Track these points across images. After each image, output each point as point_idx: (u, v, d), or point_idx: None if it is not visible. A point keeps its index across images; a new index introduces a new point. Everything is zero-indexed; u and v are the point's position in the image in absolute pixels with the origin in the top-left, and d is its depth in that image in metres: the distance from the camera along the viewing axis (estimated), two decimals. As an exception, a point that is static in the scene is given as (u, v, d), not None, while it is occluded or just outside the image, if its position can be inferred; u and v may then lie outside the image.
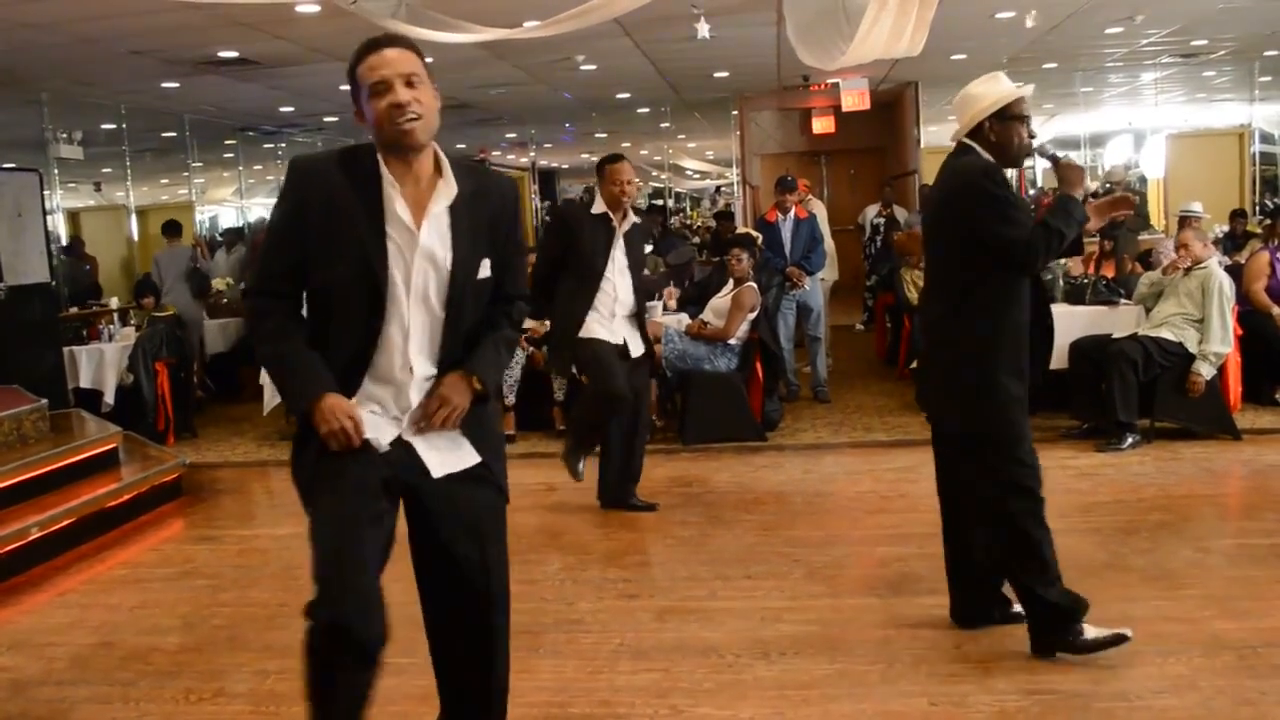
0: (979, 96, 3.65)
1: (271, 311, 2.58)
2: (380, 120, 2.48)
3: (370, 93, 2.48)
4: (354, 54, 2.55)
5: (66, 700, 3.83)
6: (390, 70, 2.48)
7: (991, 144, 3.62)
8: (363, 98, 2.51)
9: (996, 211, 3.50)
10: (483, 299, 2.67)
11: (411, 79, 2.49)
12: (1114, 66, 13.52)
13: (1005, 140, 3.62)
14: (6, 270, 7.70)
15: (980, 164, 3.59)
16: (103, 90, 10.88)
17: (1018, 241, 3.48)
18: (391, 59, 2.49)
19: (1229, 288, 6.69)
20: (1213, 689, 3.41)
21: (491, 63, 10.29)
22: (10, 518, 5.56)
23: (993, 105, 3.61)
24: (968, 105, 3.68)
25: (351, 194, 2.49)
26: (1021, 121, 3.64)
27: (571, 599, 4.55)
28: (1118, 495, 5.71)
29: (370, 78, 2.48)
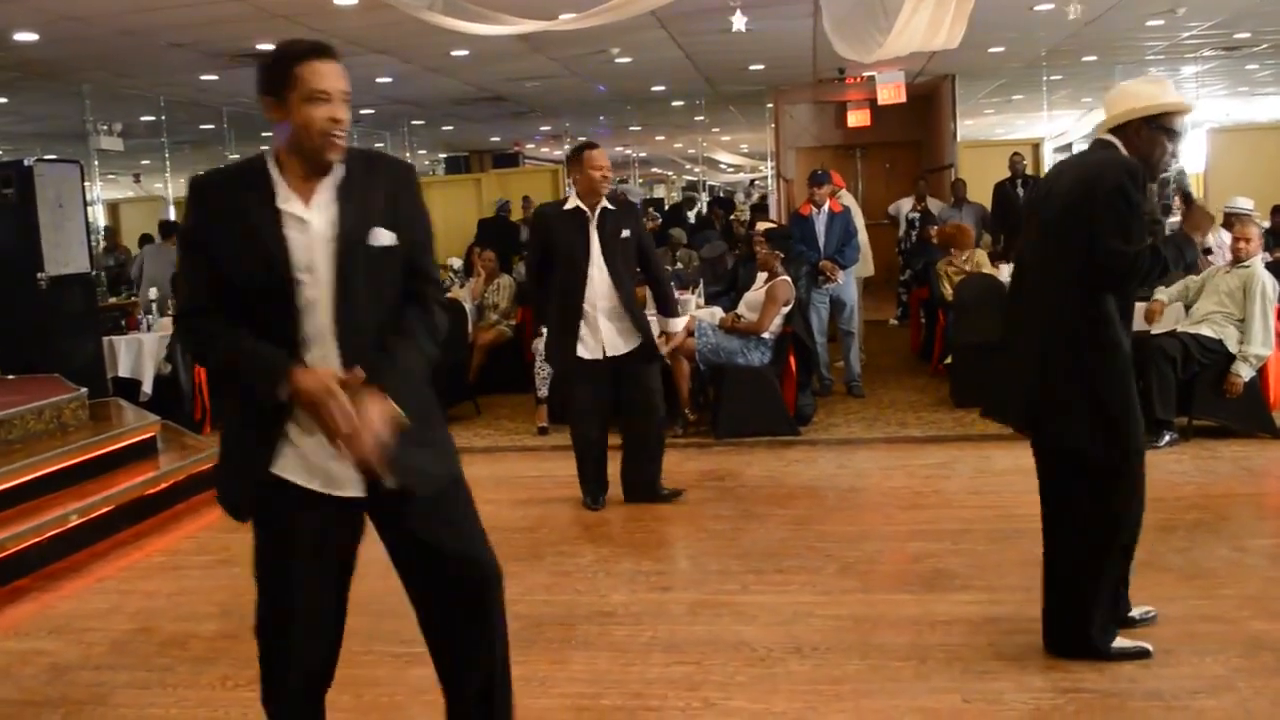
0: (1138, 95, 3.48)
1: (206, 325, 2.52)
2: (312, 127, 2.43)
3: (309, 96, 2.43)
4: (289, 47, 2.47)
5: (105, 685, 3.88)
6: (335, 84, 2.46)
7: (1134, 147, 3.46)
8: (294, 96, 2.43)
9: (1119, 217, 3.34)
10: (392, 274, 2.58)
11: (347, 98, 2.49)
12: (1155, 60, 13.36)
13: (1148, 148, 3.47)
14: (47, 261, 7.79)
15: (1126, 162, 3.41)
16: (142, 82, 10.99)
17: (1124, 255, 3.33)
18: (338, 73, 2.47)
19: (1272, 289, 6.58)
20: (1251, 690, 3.37)
21: (527, 55, 10.31)
22: (50, 505, 5.63)
23: (1151, 108, 3.45)
24: (1123, 101, 3.51)
25: (247, 198, 2.47)
26: (1171, 136, 3.49)
27: (604, 591, 4.56)
28: (1155, 493, 5.59)
29: (315, 82, 2.43)
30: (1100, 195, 3.38)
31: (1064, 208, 3.53)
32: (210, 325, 2.51)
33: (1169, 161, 3.55)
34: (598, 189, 5.52)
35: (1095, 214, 3.37)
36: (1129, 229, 3.34)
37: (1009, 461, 6.22)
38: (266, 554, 2.67)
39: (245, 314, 2.49)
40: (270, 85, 2.46)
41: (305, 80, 2.43)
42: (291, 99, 2.43)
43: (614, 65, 11.53)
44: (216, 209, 2.49)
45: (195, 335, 2.58)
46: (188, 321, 2.60)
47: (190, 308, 2.58)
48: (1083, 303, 3.44)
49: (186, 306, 2.61)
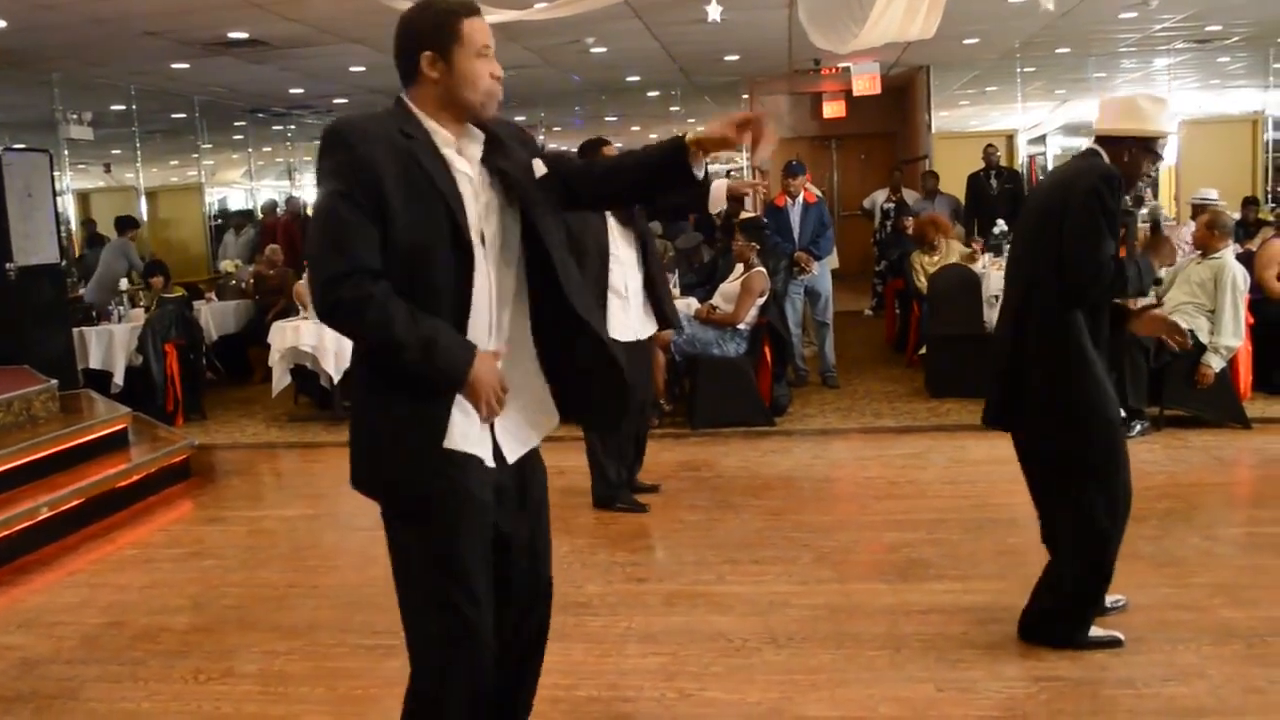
0: (1144, 114, 3.52)
1: (385, 293, 2.26)
2: (478, 83, 2.39)
3: (477, 52, 2.39)
4: (450, 4, 2.41)
5: (76, 679, 3.85)
6: (492, 41, 2.44)
7: (1122, 162, 3.51)
8: (459, 52, 2.38)
9: (1091, 220, 3.37)
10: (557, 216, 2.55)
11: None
12: (1127, 52, 13.44)
13: (1134, 167, 3.54)
14: (16, 251, 7.70)
15: (1106, 169, 3.45)
16: (113, 71, 10.87)
17: (1091, 263, 3.36)
18: (489, 31, 2.44)
19: (1243, 281, 6.64)
20: (1221, 677, 3.41)
21: (502, 45, 10.16)
22: (20, 497, 5.58)
23: (1147, 131, 3.52)
24: (1128, 115, 3.54)
25: (416, 149, 2.34)
26: (1154, 160, 3.58)
27: (580, 582, 4.56)
28: (1127, 483, 5.69)
29: (479, 39, 2.40)
30: (1074, 198, 3.41)
31: (1039, 211, 3.59)
32: (382, 294, 2.25)
33: (1147, 180, 3.66)
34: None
35: (1067, 217, 3.41)
36: (1100, 233, 3.36)
37: (983, 451, 6.25)
38: (443, 540, 2.40)
39: (407, 273, 2.30)
40: (434, 40, 2.38)
41: (474, 35, 2.40)
42: (457, 54, 2.38)
43: (589, 55, 11.48)
44: (389, 157, 2.30)
45: (371, 302, 2.24)
46: (355, 288, 2.24)
47: (348, 268, 2.25)
48: (1051, 307, 3.47)
49: (350, 266, 2.25)
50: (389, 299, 2.26)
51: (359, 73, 11.45)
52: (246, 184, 15.45)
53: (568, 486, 5.95)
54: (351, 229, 2.26)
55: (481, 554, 2.44)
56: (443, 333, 2.31)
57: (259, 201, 15.03)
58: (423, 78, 2.40)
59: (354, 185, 2.27)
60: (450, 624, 2.41)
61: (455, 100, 2.40)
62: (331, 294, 2.26)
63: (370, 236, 2.27)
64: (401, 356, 2.28)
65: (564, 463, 6.14)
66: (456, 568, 2.39)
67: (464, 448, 2.39)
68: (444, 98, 2.40)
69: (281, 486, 6.90)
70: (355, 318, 2.27)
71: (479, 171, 2.44)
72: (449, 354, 2.30)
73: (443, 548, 2.39)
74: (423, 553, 2.41)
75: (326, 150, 2.33)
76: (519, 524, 2.58)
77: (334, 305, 2.26)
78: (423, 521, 2.40)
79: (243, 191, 15.45)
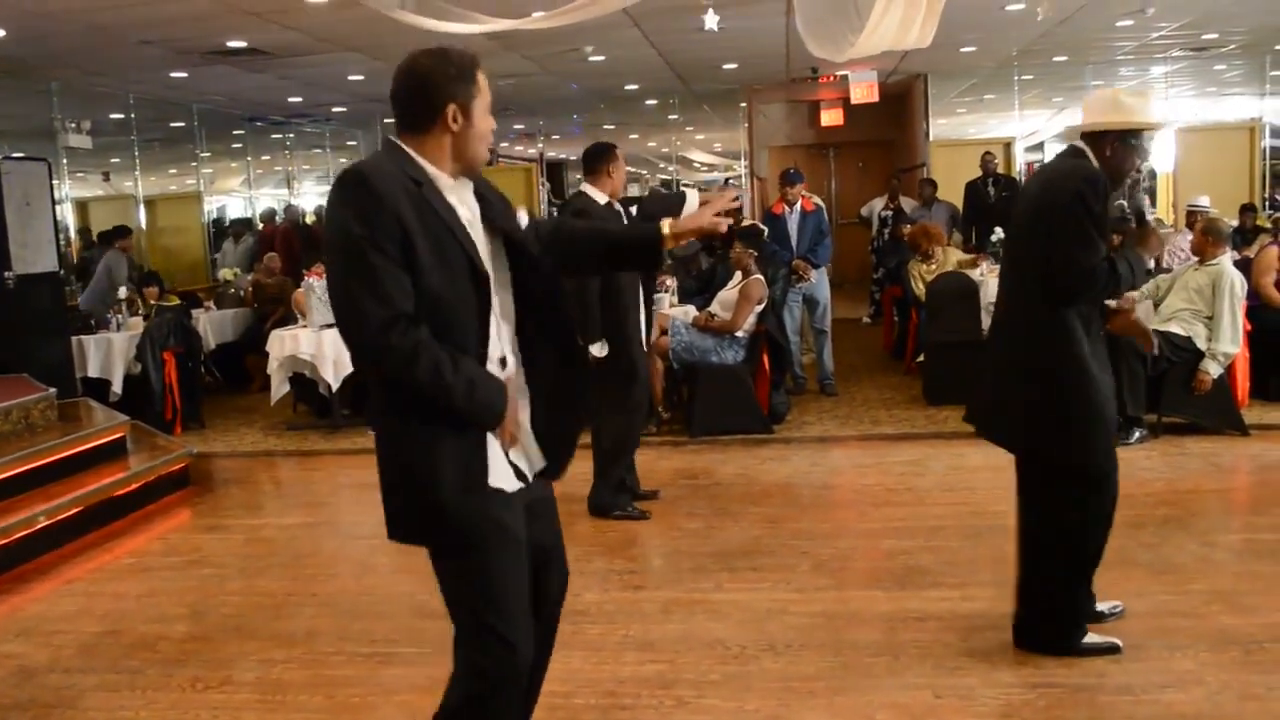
0: (1125, 107, 3.51)
1: (427, 341, 2.29)
2: (487, 138, 2.44)
3: (488, 107, 2.43)
4: (469, 55, 2.44)
5: (74, 688, 3.84)
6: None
7: (1105, 157, 3.49)
8: (478, 105, 2.41)
9: (1077, 224, 3.35)
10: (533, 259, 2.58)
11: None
12: (1124, 60, 13.47)
13: (1118, 162, 3.51)
14: (15, 259, 7.72)
15: (1089, 171, 3.43)
16: (111, 80, 10.89)
17: (1079, 268, 3.35)
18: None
19: (1240, 287, 6.65)
20: (1218, 683, 3.41)
21: (499, 53, 10.27)
22: (18, 506, 5.58)
23: (1131, 123, 3.49)
24: (1105, 110, 3.53)
25: (429, 195, 2.36)
26: (1142, 155, 3.55)
27: (577, 590, 4.52)
28: (1124, 490, 5.59)
29: (490, 93, 2.43)
30: (1060, 202, 3.40)
31: (1027, 213, 3.58)
32: (428, 341, 2.29)
33: (1134, 175, 3.58)
34: (622, 188, 5.57)
35: (1054, 221, 3.40)
36: (1087, 237, 3.35)
37: (981, 459, 6.25)
38: (491, 572, 2.43)
39: (434, 316, 2.32)
40: (459, 91, 2.39)
41: (486, 89, 2.43)
42: (476, 107, 2.41)
43: (587, 64, 11.51)
44: (410, 205, 2.31)
45: (416, 352, 2.27)
46: (395, 334, 2.27)
47: (391, 316, 2.26)
48: (1043, 311, 3.47)
49: (386, 315, 2.26)
50: (434, 345, 2.30)
51: (357, 81, 11.47)
52: (245, 192, 15.47)
53: (564, 494, 5.90)
54: (387, 276, 2.27)
55: (522, 583, 2.49)
56: (478, 373, 2.36)
57: (258, 210, 15.05)
58: (441, 128, 2.39)
59: (383, 232, 2.27)
60: (493, 656, 2.44)
61: (466, 153, 2.43)
62: (381, 340, 2.27)
63: (404, 283, 2.28)
64: (450, 400, 2.31)
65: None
66: (502, 600, 2.44)
67: (500, 483, 2.44)
68: (456, 149, 2.42)
69: (280, 495, 6.89)
70: (408, 365, 2.28)
71: (476, 216, 2.47)
72: (487, 393, 2.36)
73: (485, 582, 2.43)
74: (466, 585, 2.45)
75: (348, 194, 2.31)
76: (544, 532, 2.62)
77: (384, 352, 2.28)
78: (464, 556, 2.43)
79: (241, 200, 15.47)
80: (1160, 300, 6.92)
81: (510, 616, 2.45)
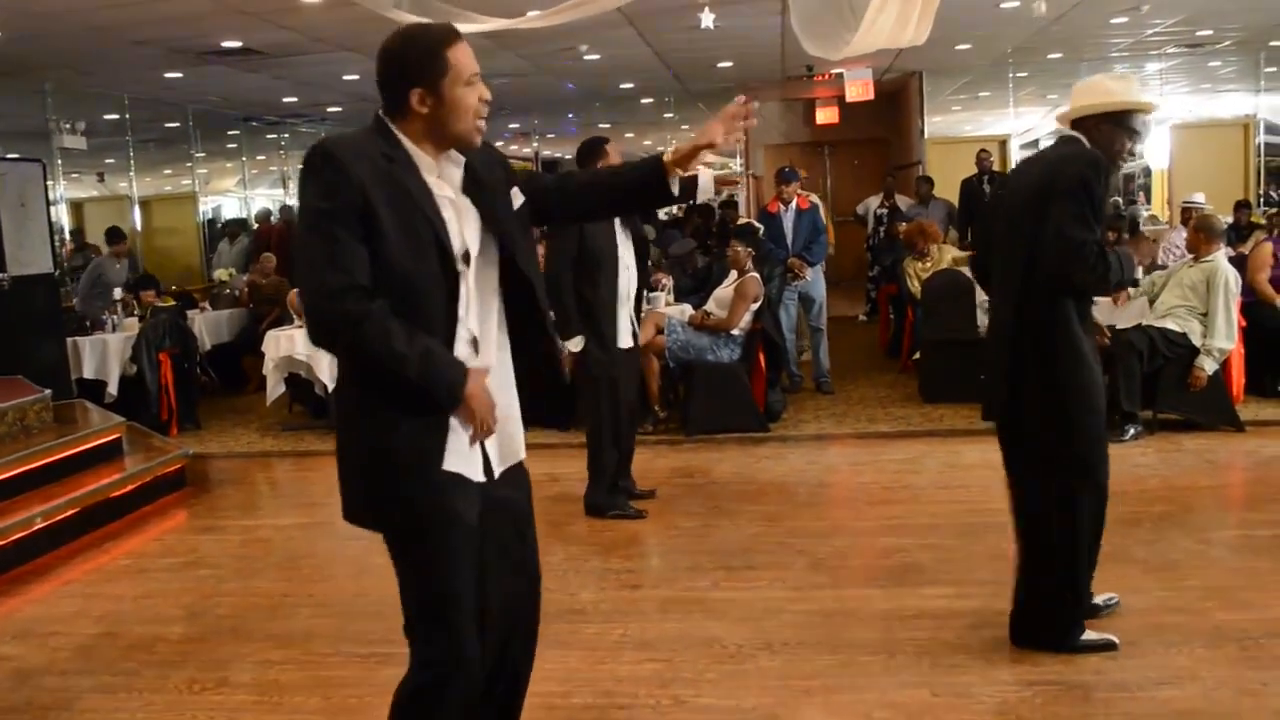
0: (1107, 90, 3.54)
1: (379, 310, 2.27)
2: (468, 113, 2.39)
3: (466, 81, 2.39)
4: (433, 34, 2.42)
5: (71, 690, 3.84)
6: (477, 65, 2.42)
7: (1096, 141, 3.51)
8: (448, 81, 2.37)
9: (1077, 204, 3.36)
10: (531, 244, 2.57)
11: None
12: (1119, 57, 13.48)
13: (1107, 143, 3.52)
14: (10, 261, 7.70)
15: (1089, 154, 3.45)
16: (106, 80, 10.87)
17: (1075, 240, 3.34)
18: (473, 54, 2.43)
19: (1235, 283, 6.66)
20: (1214, 680, 3.42)
21: (495, 53, 10.27)
22: (14, 508, 5.57)
23: (1115, 104, 3.51)
24: (1089, 94, 3.56)
25: (400, 173, 2.35)
26: (1131, 135, 3.55)
27: (574, 589, 4.56)
28: (1120, 486, 5.65)
29: (468, 66, 2.39)
30: (1061, 183, 3.41)
31: (1027, 200, 3.57)
32: (380, 310, 2.26)
33: (1127, 157, 3.60)
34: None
35: (1055, 201, 3.40)
36: (1085, 217, 3.36)
37: (977, 456, 6.26)
38: (439, 560, 2.41)
39: (399, 295, 2.31)
40: (421, 75, 2.37)
41: (461, 64, 2.39)
42: (444, 84, 2.37)
43: (582, 63, 11.50)
44: (377, 178, 2.30)
45: (366, 319, 2.25)
46: (351, 303, 2.25)
47: (347, 285, 2.26)
48: (1042, 301, 3.48)
49: (342, 283, 2.25)
50: (388, 314, 2.28)
51: (352, 80, 11.46)
52: (240, 192, 15.47)
53: (562, 494, 5.96)
54: (346, 248, 2.27)
55: (471, 572, 2.45)
56: (436, 348, 2.34)
57: (253, 210, 15.04)
58: (412, 112, 2.39)
59: (344, 206, 2.27)
60: (438, 647, 2.44)
61: (445, 131, 2.41)
62: (335, 307, 2.26)
63: (362, 256, 2.28)
64: (403, 370, 2.29)
65: (558, 469, 6.17)
66: (448, 587, 2.42)
67: (458, 468, 2.42)
68: (433, 129, 2.40)
69: (276, 495, 6.89)
70: (358, 331, 2.27)
71: (459, 194, 2.45)
72: (446, 371, 2.34)
73: (434, 568, 2.42)
74: (413, 572, 2.45)
75: (314, 170, 2.32)
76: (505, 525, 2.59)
77: (337, 319, 2.27)
78: (417, 541, 2.42)
79: (237, 200, 15.46)
80: (1155, 297, 6.93)
81: (457, 607, 2.42)
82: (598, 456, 5.59)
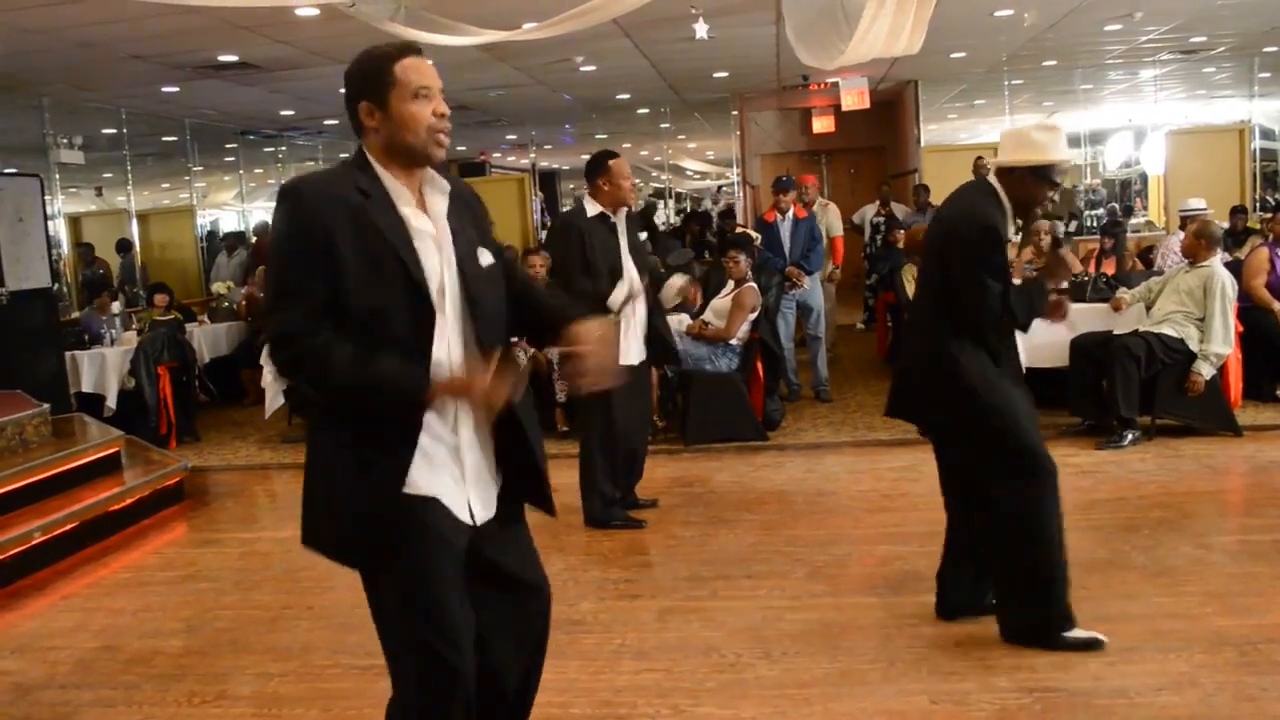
0: (1037, 145, 3.67)
1: (333, 342, 2.28)
2: (419, 126, 2.38)
3: (414, 94, 2.38)
4: (382, 50, 2.43)
5: (70, 704, 3.84)
6: (434, 81, 2.41)
7: (1019, 190, 3.67)
8: (396, 96, 2.37)
9: (973, 276, 3.57)
10: (500, 293, 2.54)
11: (443, 94, 2.45)
12: (1113, 63, 13.52)
13: (1030, 195, 3.68)
14: (8, 275, 7.71)
15: (985, 220, 3.61)
16: (103, 95, 10.89)
17: (976, 309, 3.59)
18: (433, 71, 2.43)
19: (1231, 288, 6.67)
20: (1214, 685, 3.42)
21: (491, 65, 10.30)
22: (13, 522, 5.57)
23: (1043, 160, 3.65)
24: (1020, 146, 3.70)
25: (371, 209, 2.34)
26: (1054, 187, 3.70)
27: (573, 599, 4.56)
28: (1118, 492, 5.71)
29: (416, 79, 2.39)
30: (958, 247, 3.63)
31: (938, 241, 3.80)
32: (338, 343, 2.28)
33: (1048, 207, 3.81)
34: (627, 198, 5.47)
35: (959, 258, 3.62)
36: (982, 284, 3.56)
37: (975, 463, 6.26)
38: (411, 581, 2.39)
39: (369, 331, 2.31)
40: (368, 89, 2.40)
41: (407, 78, 2.38)
42: (392, 99, 2.38)
43: (578, 74, 11.53)
44: (344, 219, 2.30)
45: (322, 352, 2.27)
46: (301, 344, 2.29)
47: (302, 327, 2.28)
48: (948, 330, 3.68)
49: (298, 327, 2.28)
50: (329, 349, 2.28)
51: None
52: (238, 206, 15.48)
53: (560, 505, 5.89)
54: (299, 286, 2.30)
55: (455, 590, 2.43)
56: (386, 367, 2.31)
57: (251, 223, 15.05)
58: (365, 128, 2.41)
59: (306, 244, 2.29)
60: (428, 667, 2.41)
61: (399, 147, 2.40)
62: (280, 354, 2.34)
63: (316, 293, 2.29)
64: (349, 399, 2.34)
65: (556, 480, 6.10)
66: (428, 607, 2.39)
67: (425, 491, 2.39)
68: (388, 145, 2.40)
69: (275, 508, 6.89)
70: (300, 375, 2.36)
71: (441, 225, 2.43)
72: (400, 382, 2.32)
73: (411, 588, 2.39)
74: (393, 598, 2.41)
75: (280, 209, 2.34)
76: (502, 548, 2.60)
77: (288, 363, 2.35)
78: (388, 567, 2.39)
79: (234, 213, 15.48)
80: (1152, 303, 6.94)
81: (442, 628, 2.39)
82: (588, 472, 5.58)
